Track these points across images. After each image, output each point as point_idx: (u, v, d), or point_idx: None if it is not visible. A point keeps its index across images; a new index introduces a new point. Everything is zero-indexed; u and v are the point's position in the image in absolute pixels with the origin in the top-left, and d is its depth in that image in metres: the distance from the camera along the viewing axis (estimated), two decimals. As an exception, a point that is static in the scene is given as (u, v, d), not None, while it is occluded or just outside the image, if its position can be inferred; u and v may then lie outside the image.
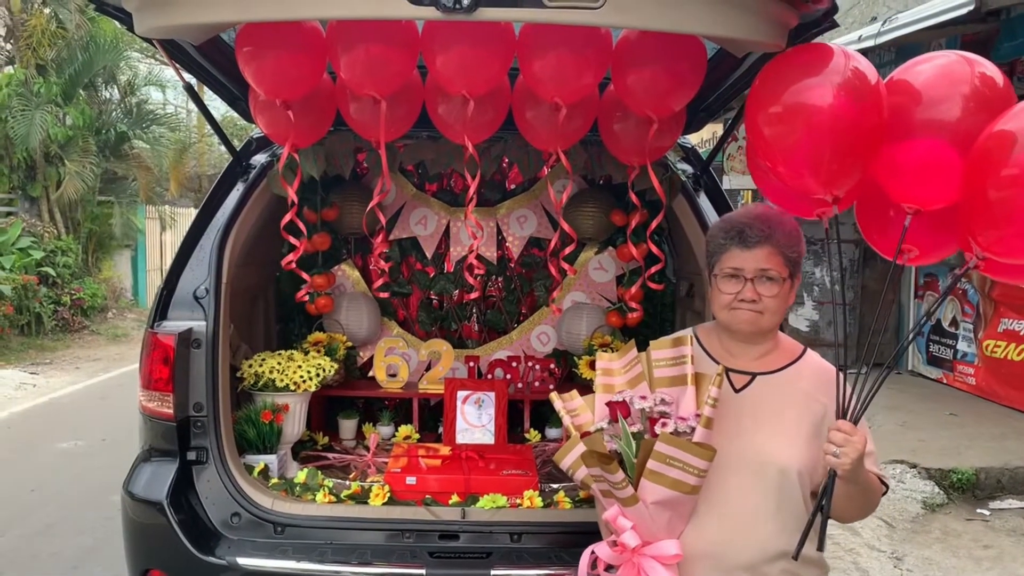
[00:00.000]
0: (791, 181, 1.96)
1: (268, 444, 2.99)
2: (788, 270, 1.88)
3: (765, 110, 1.92)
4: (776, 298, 1.87)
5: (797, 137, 1.85)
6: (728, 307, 1.90)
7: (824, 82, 1.82)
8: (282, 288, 3.85)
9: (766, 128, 1.92)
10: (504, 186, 4.07)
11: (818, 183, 1.88)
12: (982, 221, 1.77)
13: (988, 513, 5.52)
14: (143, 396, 2.76)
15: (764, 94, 1.94)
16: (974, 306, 8.00)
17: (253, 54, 2.32)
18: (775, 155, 1.93)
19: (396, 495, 2.78)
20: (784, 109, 1.88)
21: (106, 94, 15.89)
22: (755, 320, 1.89)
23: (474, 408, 3.47)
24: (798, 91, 1.86)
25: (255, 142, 3.21)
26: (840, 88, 1.81)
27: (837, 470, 1.76)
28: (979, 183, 1.74)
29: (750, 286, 1.86)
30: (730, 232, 1.90)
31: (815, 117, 1.81)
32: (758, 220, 1.89)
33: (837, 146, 1.82)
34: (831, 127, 1.80)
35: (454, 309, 4.15)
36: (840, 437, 1.75)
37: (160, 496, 2.62)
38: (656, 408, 1.83)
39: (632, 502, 1.80)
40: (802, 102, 1.84)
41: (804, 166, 1.87)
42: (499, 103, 2.61)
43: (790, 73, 1.89)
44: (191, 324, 2.74)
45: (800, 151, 1.86)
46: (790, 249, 1.88)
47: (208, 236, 2.89)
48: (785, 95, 1.88)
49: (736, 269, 1.87)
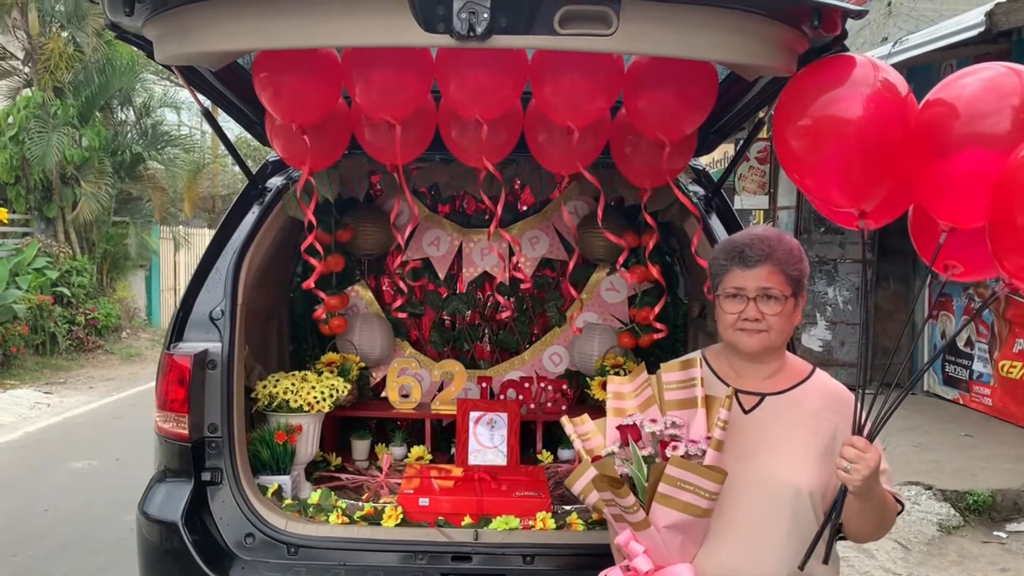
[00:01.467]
0: (818, 194, 1.97)
1: (282, 465, 3.00)
2: (791, 288, 1.89)
3: (792, 123, 1.92)
4: (779, 316, 1.88)
5: (824, 150, 1.84)
6: (733, 327, 1.91)
7: (851, 93, 1.82)
8: (296, 309, 3.87)
9: (793, 141, 1.92)
10: (516, 207, 4.09)
11: (845, 197, 1.88)
12: (1009, 245, 1.72)
13: (1005, 536, 5.46)
14: (159, 417, 2.78)
15: (791, 106, 1.94)
16: (988, 326, 7.94)
17: (270, 79, 2.35)
18: (802, 168, 1.94)
19: (409, 516, 2.78)
20: (811, 121, 1.87)
21: (122, 116, 16.03)
22: (763, 340, 1.90)
23: (486, 429, 3.46)
24: (825, 103, 1.84)
25: (271, 165, 3.24)
26: (868, 100, 1.80)
27: (848, 486, 1.76)
28: (1007, 205, 1.69)
29: (752, 305, 1.87)
30: (730, 253, 1.92)
31: (842, 129, 1.81)
32: (757, 240, 1.91)
33: (864, 159, 1.81)
34: (858, 140, 1.79)
35: (466, 330, 4.16)
36: (853, 453, 1.75)
37: (175, 516, 2.63)
38: (667, 431, 1.83)
39: (644, 526, 1.80)
40: (829, 114, 1.84)
41: (831, 179, 1.88)
42: (512, 126, 2.63)
43: (817, 85, 1.89)
44: (207, 345, 2.76)
45: (827, 164, 1.86)
46: (791, 267, 1.89)
47: (224, 258, 2.91)
48: (812, 107, 1.87)
49: (738, 288, 1.89)
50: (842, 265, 9.33)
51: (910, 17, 9.04)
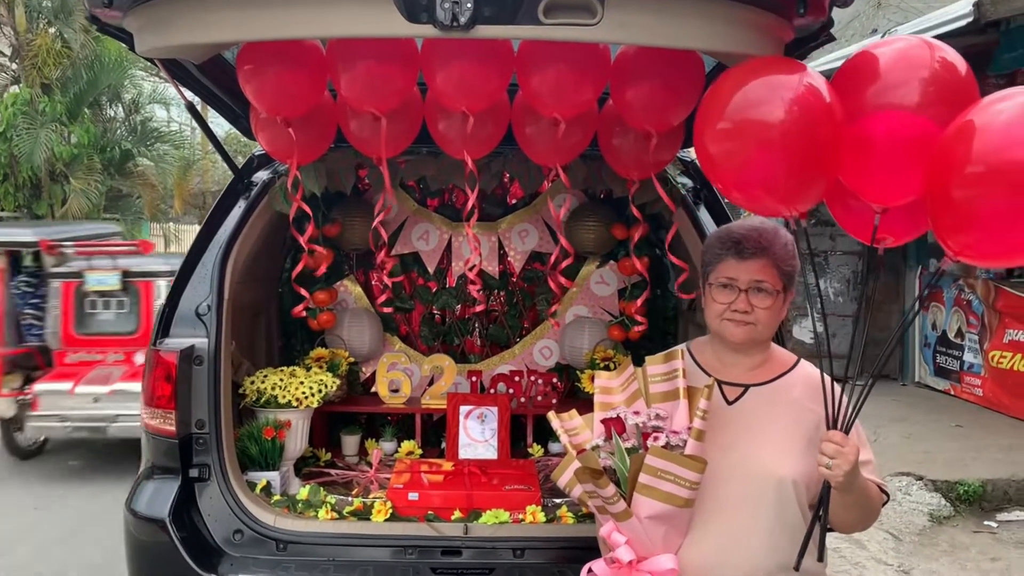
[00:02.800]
0: (749, 204, 1.90)
1: (270, 461, 2.99)
2: (782, 283, 1.89)
3: (712, 127, 1.79)
4: (769, 310, 1.88)
5: (747, 156, 1.73)
6: (721, 316, 1.91)
7: (773, 97, 1.70)
8: (284, 304, 3.85)
9: (712, 146, 1.79)
10: (505, 201, 4.08)
11: (777, 201, 1.81)
12: (949, 223, 1.67)
13: (995, 525, 5.48)
14: (145, 413, 2.77)
15: (711, 110, 1.81)
16: (979, 317, 7.97)
17: (254, 72, 2.33)
18: (725, 176, 1.83)
19: (398, 511, 2.77)
20: (732, 126, 1.74)
21: (111, 112, 15.97)
22: (749, 333, 1.90)
23: (477, 423, 3.46)
24: (746, 106, 1.72)
25: (256, 159, 3.22)
26: (791, 103, 1.68)
27: (831, 481, 1.76)
28: (942, 181, 1.63)
29: (743, 296, 1.87)
30: (727, 242, 1.91)
31: (765, 134, 1.69)
32: (755, 232, 1.90)
33: (791, 164, 1.71)
34: (782, 144, 1.68)
35: (456, 324, 4.15)
36: (831, 448, 1.74)
37: (162, 513, 2.62)
38: (650, 423, 1.83)
39: (625, 517, 1.81)
40: (749, 119, 1.72)
41: (758, 187, 1.79)
42: (499, 119, 2.62)
43: (739, 87, 1.76)
44: (193, 341, 2.75)
45: (752, 171, 1.75)
46: (785, 263, 1.89)
47: (210, 253, 2.90)
48: (731, 110, 1.74)
49: (730, 279, 1.88)
50: (832, 257, 9.34)
51: (899, 9, 9.05)
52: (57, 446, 7.19)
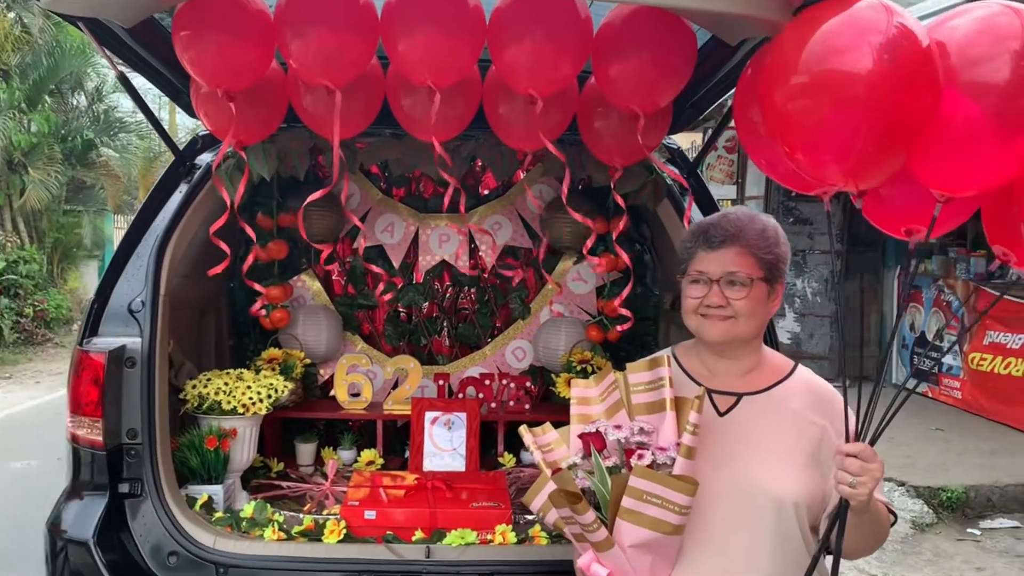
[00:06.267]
0: (812, 170, 1.67)
1: (213, 473, 2.72)
2: (762, 272, 1.72)
3: (786, 80, 1.58)
4: (746, 301, 1.71)
5: (822, 115, 1.53)
6: (695, 312, 1.76)
7: (861, 44, 1.47)
8: (236, 301, 3.57)
9: (786, 103, 1.58)
10: (477, 191, 3.83)
11: (844, 172, 1.60)
12: None
13: (979, 533, 5.41)
14: (71, 422, 2.51)
15: (782, 59, 1.61)
16: (959, 318, 7.90)
17: (191, 39, 2.09)
18: (793, 137, 1.62)
19: (353, 531, 2.52)
20: (809, 79, 1.54)
21: (73, 101, 15.68)
22: (729, 328, 1.73)
23: (444, 430, 3.22)
24: (826, 55, 1.51)
25: (201, 140, 2.96)
26: (880, 51, 1.46)
27: (851, 501, 1.56)
28: None
29: (716, 289, 1.72)
30: (696, 234, 1.79)
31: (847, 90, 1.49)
32: (724, 219, 1.76)
33: (873, 127, 1.51)
34: (866, 102, 1.48)
35: (423, 322, 3.89)
36: (857, 465, 1.54)
37: (86, 535, 2.38)
38: (633, 438, 1.65)
39: (607, 546, 1.62)
40: (832, 69, 1.50)
41: (828, 152, 1.58)
42: (469, 96, 2.39)
43: (817, 32, 1.55)
44: (125, 341, 2.50)
45: (826, 132, 1.55)
46: (763, 250, 1.72)
47: (146, 243, 2.65)
48: (810, 61, 1.54)
49: (700, 272, 1.75)
50: (811, 256, 9.25)
51: None
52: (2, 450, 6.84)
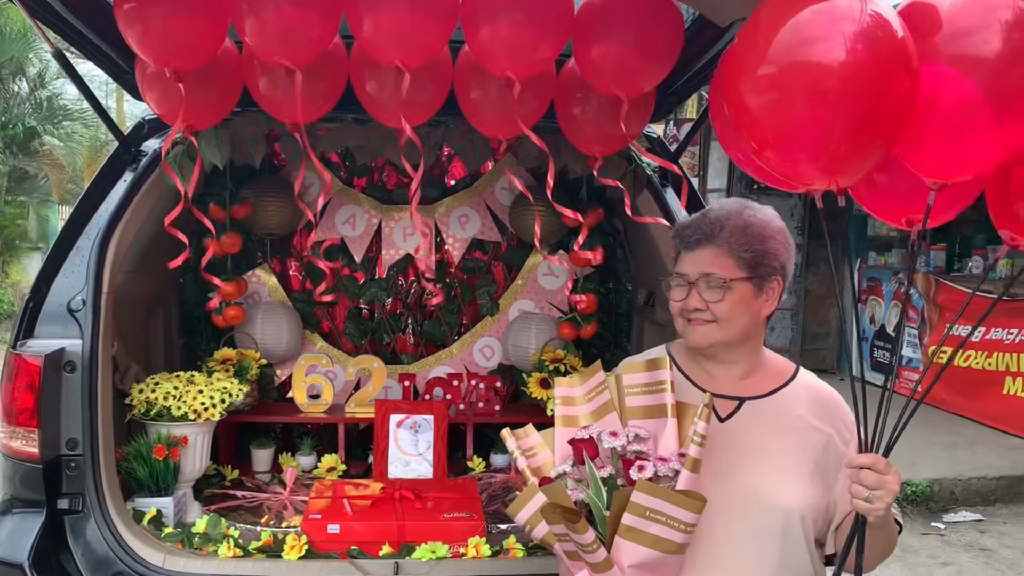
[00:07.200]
0: (783, 169, 1.55)
1: (163, 484, 2.53)
2: (742, 272, 1.61)
3: (751, 72, 1.46)
4: (725, 304, 1.62)
5: (794, 109, 1.41)
6: (679, 316, 1.70)
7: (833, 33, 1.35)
8: (187, 297, 3.36)
9: (750, 96, 1.47)
10: (443, 181, 3.66)
11: (819, 169, 1.48)
12: None
13: (943, 527, 5.43)
14: (3, 432, 2.30)
15: (750, 50, 1.48)
16: (919, 311, 7.94)
17: (136, 13, 1.93)
18: (761, 133, 1.50)
19: (315, 547, 2.36)
20: (777, 70, 1.42)
21: (14, 87, 15.07)
22: (710, 333, 1.64)
23: (410, 434, 3.06)
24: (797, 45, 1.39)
25: (147, 125, 2.75)
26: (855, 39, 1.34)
27: (869, 516, 1.49)
28: None
29: (694, 292, 1.65)
30: (676, 234, 1.74)
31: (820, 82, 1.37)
32: (702, 218, 1.68)
33: (849, 121, 1.40)
34: (842, 97, 1.36)
35: (387, 320, 3.71)
36: (874, 478, 1.46)
37: (20, 557, 2.18)
38: (630, 447, 1.52)
39: (606, 567, 1.48)
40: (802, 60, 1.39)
41: (801, 149, 1.47)
42: (439, 78, 2.23)
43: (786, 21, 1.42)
44: (63, 343, 2.31)
45: (798, 127, 1.44)
46: (743, 248, 1.62)
47: (87, 236, 2.44)
48: (778, 51, 1.42)
49: (679, 274, 1.69)
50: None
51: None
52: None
